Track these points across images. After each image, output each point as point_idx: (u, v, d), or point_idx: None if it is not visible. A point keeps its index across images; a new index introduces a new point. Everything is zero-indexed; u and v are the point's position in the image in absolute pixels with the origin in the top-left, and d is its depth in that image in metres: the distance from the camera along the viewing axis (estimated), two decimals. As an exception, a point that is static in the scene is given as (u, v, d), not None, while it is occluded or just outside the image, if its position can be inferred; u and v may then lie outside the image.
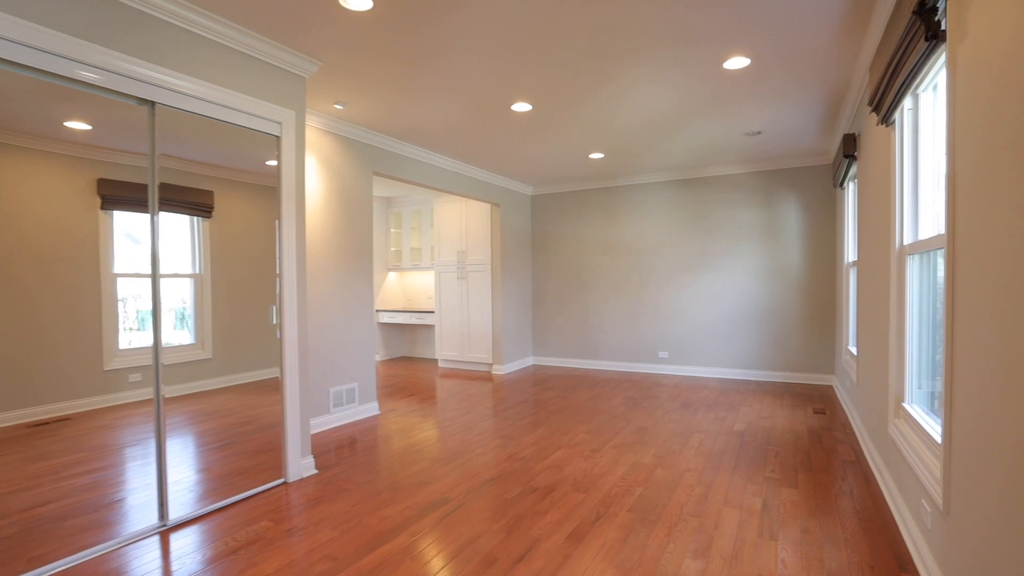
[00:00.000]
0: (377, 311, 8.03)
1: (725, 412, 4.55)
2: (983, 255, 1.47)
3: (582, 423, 4.29)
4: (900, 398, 2.55)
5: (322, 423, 4.16)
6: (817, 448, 3.55)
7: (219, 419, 3.11)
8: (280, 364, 3.03)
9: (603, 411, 4.66)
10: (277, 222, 2.98)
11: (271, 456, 3.12)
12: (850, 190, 4.57)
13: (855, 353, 4.10)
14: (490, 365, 6.92)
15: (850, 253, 4.60)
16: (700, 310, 6.27)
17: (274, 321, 3.01)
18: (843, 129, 4.32)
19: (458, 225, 7.13)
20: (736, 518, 2.54)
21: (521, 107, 3.97)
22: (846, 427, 4.05)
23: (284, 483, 3.05)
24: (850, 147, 3.84)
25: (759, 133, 4.73)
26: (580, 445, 3.71)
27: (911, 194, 2.49)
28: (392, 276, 8.42)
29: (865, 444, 3.44)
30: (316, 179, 4.11)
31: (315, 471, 3.23)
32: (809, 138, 4.89)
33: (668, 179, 6.41)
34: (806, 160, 5.65)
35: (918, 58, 1.95)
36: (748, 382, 5.85)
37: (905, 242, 2.51)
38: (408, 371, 7.03)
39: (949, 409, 1.76)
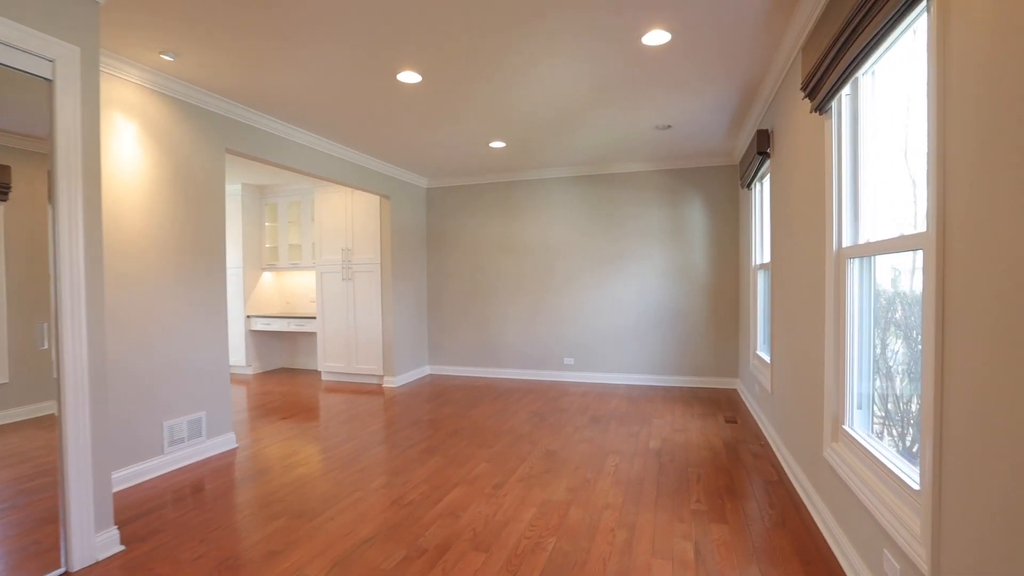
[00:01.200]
0: (248, 317, 6.94)
1: (638, 426, 4.21)
2: (1002, 257, 1.10)
3: (483, 448, 3.73)
4: (839, 419, 2.26)
5: (151, 469, 3.23)
6: (737, 466, 3.28)
7: (3, 469, 2.19)
8: (58, 399, 2.15)
9: (507, 431, 4.14)
10: (50, 205, 2.10)
11: (57, 530, 2.23)
12: (758, 190, 4.44)
13: (768, 360, 3.93)
14: (381, 377, 6.17)
15: (759, 255, 4.47)
16: (606, 314, 5.98)
17: (45, 344, 2.12)
18: (753, 126, 4.15)
19: (343, 219, 6.29)
20: (669, 574, 2.10)
21: (409, 77, 3.32)
22: (760, 438, 3.86)
23: (65, 575, 2.17)
24: (764, 143, 3.63)
25: (669, 127, 4.47)
26: (481, 479, 3.14)
27: (850, 192, 2.20)
28: (267, 277, 7.34)
29: (785, 460, 3.21)
30: (139, 152, 3.17)
31: (120, 548, 2.37)
32: (717, 136, 4.72)
33: (573, 175, 6.06)
34: (712, 160, 5.54)
35: (887, 19, 1.60)
36: (656, 388, 5.64)
37: (844, 244, 2.21)
38: (285, 387, 6.07)
39: (938, 450, 1.41)
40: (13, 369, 2.12)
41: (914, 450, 1.79)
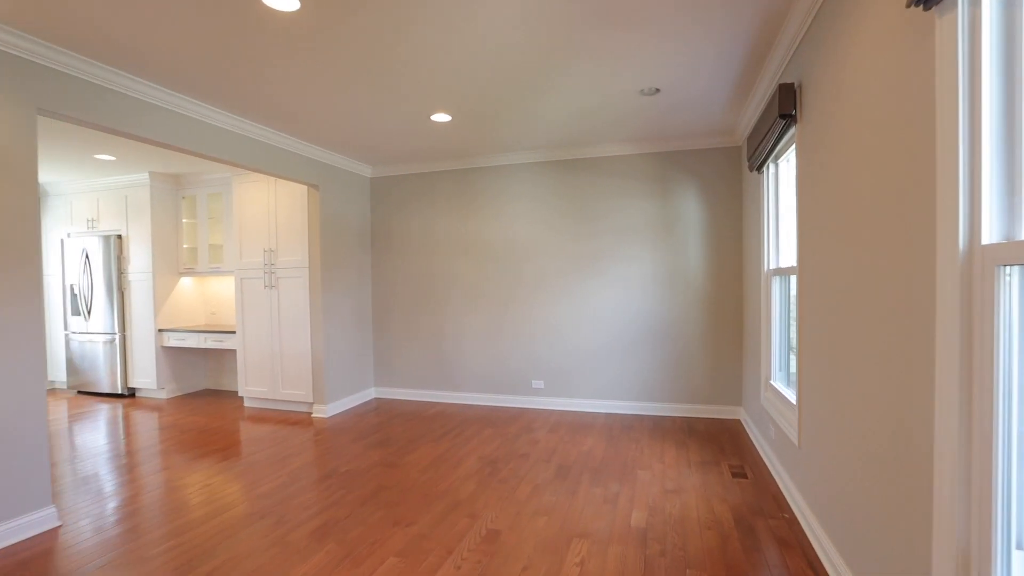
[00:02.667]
0: (160, 331, 5.82)
1: (617, 483, 3.19)
2: None
3: (401, 525, 2.68)
4: (979, 557, 1.24)
5: None
6: (759, 566, 2.26)
7: None
8: None
9: (442, 493, 3.09)
10: None
11: None
12: (771, 173, 3.44)
13: (791, 399, 2.92)
14: (310, 405, 5.09)
15: (772, 257, 3.47)
16: (582, 327, 4.96)
17: None
18: (769, 85, 3.14)
19: (265, 214, 5.20)
20: None
21: (280, 1, 2.27)
22: (779, 501, 2.85)
23: None
24: (788, 102, 2.63)
25: (657, 92, 3.45)
26: (378, 596, 2.09)
27: (1000, 144, 1.18)
28: (186, 283, 6.22)
29: (829, 558, 2.20)
30: None
31: None
32: (717, 107, 3.72)
33: (541, 159, 5.02)
34: (710, 140, 4.54)
35: None
36: (643, 419, 4.62)
37: (987, 239, 1.20)
38: (196, 416, 4.97)
39: None
40: None
41: None
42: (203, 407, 5.42)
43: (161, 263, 5.90)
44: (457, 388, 5.40)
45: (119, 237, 5.92)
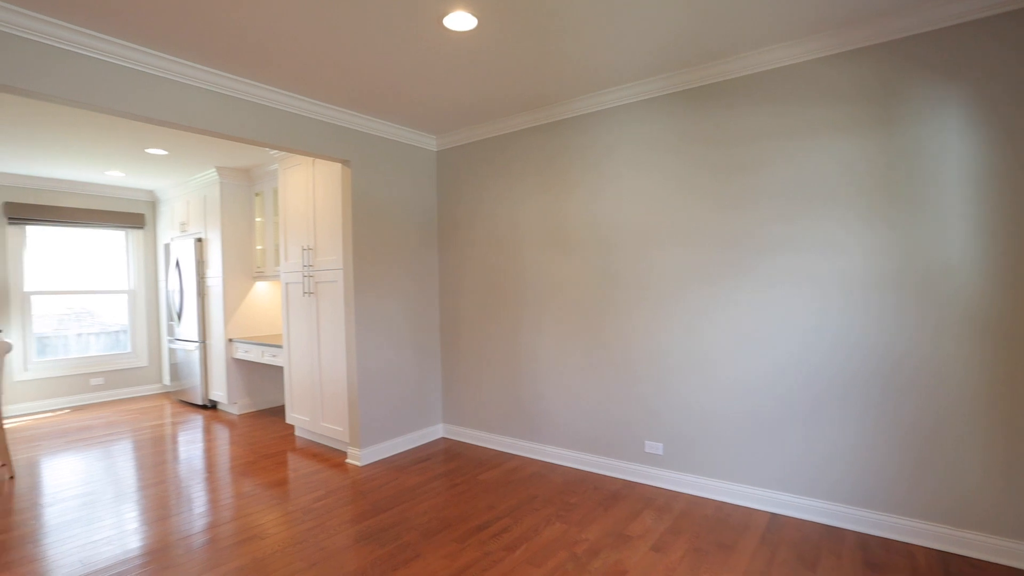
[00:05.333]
0: (230, 341, 5.26)
1: None
2: None
3: None
4: None
5: None
6: None
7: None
8: None
9: None
10: None
11: None
12: None
13: None
14: (348, 446, 3.92)
15: None
16: (730, 363, 2.97)
17: None
18: None
19: (304, 204, 4.20)
20: None
21: None
22: None
23: None
24: None
25: None
26: None
27: None
28: (261, 288, 5.61)
29: None
30: None
31: None
32: None
33: (656, 91, 3.15)
34: (978, 4, 2.26)
35: None
36: (841, 537, 2.49)
37: None
38: (231, 445, 4.15)
39: None
40: None
41: None
42: (256, 431, 4.64)
43: (232, 266, 5.33)
44: (539, 438, 3.78)
45: (199, 240, 5.51)
